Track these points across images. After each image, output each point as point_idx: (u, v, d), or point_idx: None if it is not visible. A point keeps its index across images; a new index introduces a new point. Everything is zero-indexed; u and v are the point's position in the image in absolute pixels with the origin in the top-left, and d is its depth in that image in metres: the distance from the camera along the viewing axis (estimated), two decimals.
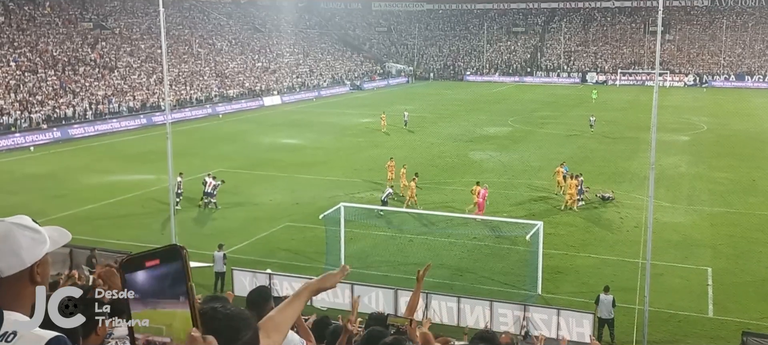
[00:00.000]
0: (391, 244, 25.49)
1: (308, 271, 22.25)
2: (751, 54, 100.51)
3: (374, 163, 40.25)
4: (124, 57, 69.66)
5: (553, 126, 56.04)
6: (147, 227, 27.42)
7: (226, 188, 34.66)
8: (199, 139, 50.35)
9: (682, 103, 71.56)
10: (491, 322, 18.33)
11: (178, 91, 66.88)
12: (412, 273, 22.60)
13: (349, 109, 69.26)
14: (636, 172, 36.06)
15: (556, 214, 29.30)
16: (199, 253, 23.53)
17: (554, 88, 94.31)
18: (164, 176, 25.83)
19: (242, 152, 44.46)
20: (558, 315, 18.15)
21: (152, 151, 42.26)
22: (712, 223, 28.25)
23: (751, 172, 37.62)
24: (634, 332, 17.66)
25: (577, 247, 25.26)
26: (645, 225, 20.02)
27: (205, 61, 78.92)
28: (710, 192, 33.36)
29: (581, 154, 42.43)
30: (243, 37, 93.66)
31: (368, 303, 19.15)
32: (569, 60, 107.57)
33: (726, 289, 21.36)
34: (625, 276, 21.70)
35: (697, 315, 19.58)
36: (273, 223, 28.11)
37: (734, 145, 46.58)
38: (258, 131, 54.19)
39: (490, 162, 40.39)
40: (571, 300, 20.11)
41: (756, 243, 25.62)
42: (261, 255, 24.26)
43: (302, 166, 39.59)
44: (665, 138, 46.33)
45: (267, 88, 78.92)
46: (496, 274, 22.51)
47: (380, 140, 48.90)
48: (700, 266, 23.23)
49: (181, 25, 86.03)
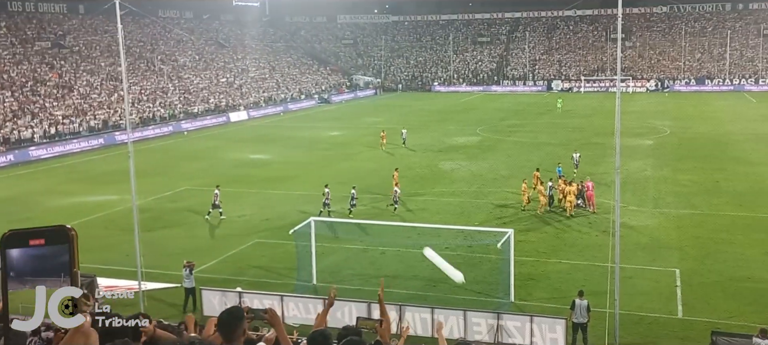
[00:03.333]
0: (363, 257, 25.31)
1: (279, 287, 21.97)
2: (709, 58, 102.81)
3: (345, 177, 40.05)
4: (83, 76, 68.55)
5: (521, 134, 56.52)
6: (112, 249, 26.81)
7: (194, 206, 34.22)
8: (164, 157, 49.65)
9: (646, 108, 72.78)
10: (465, 332, 18.26)
11: (141, 108, 65.97)
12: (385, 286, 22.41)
13: (317, 122, 69.02)
14: (603, 177, 36.43)
15: (527, 222, 29.43)
16: (167, 273, 23.09)
17: (521, 96, 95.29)
18: (128, 196, 25.32)
19: (209, 169, 43.93)
20: (531, 322, 18.15)
21: (115, 171, 41.49)
22: (679, 225, 28.64)
23: (714, 174, 38.31)
24: (605, 336, 17.72)
25: (547, 253, 25.37)
26: (613, 229, 20.19)
27: (168, 77, 78.01)
28: (675, 194, 33.85)
29: (549, 161, 42.75)
30: (207, 53, 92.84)
31: (341, 317, 18.93)
32: (534, 68, 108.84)
33: (694, 289, 21.61)
34: (596, 280, 21.82)
35: (667, 316, 19.76)
36: (242, 240, 27.74)
37: (697, 147, 47.46)
38: (225, 147, 53.66)
39: (460, 171, 40.50)
40: (544, 306, 20.15)
41: (721, 243, 26.02)
42: (231, 273, 23.88)
43: (271, 181, 39.25)
44: (630, 142, 47.04)
45: (233, 103, 78.30)
46: (469, 283, 22.42)
47: (351, 153, 48.77)
48: (668, 268, 23.49)
49: (141, 41, 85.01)
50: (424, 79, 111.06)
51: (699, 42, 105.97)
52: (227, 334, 5.07)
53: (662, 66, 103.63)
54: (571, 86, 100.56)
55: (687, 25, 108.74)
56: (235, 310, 5.56)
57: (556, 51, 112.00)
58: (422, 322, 18.85)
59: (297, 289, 22.02)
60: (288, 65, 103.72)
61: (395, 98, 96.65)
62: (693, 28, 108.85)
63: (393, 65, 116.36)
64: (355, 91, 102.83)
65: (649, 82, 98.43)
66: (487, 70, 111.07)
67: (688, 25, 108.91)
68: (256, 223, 30.41)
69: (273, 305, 19.96)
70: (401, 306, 19.21)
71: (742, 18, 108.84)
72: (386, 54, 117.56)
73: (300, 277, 22.97)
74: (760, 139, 50.12)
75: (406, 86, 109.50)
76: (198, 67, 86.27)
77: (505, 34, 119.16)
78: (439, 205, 32.11)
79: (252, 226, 30.07)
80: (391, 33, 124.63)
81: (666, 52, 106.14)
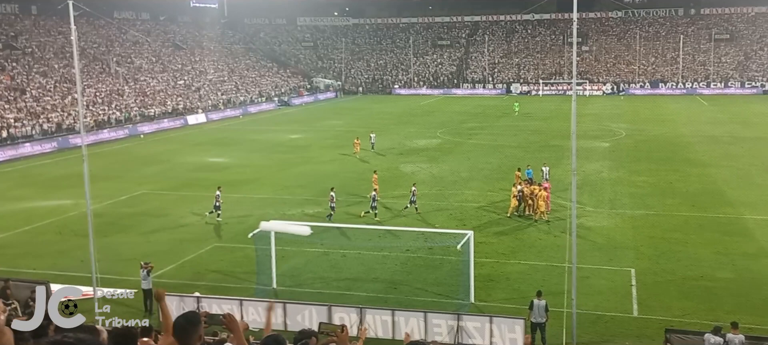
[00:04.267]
0: (323, 260, 25.19)
1: (239, 291, 21.73)
2: (663, 62, 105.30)
3: (305, 180, 39.89)
4: (36, 78, 66.85)
5: (481, 137, 57.01)
6: (65, 254, 26.19)
7: (151, 210, 33.63)
8: (120, 160, 48.71)
9: (602, 111, 74.15)
10: (426, 334, 18.30)
11: (96, 111, 64.61)
12: (345, 288, 22.46)
13: (277, 125, 68.54)
14: (561, 179, 36.96)
15: (487, 224, 29.67)
16: (124, 279, 22.63)
17: (480, 99, 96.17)
18: (82, 201, 24.76)
19: (167, 173, 43.25)
20: (491, 322, 18.28)
21: (69, 175, 40.53)
22: (634, 226, 29.21)
23: (668, 175, 39.20)
24: (563, 335, 17.95)
25: (507, 254, 25.61)
26: (570, 230, 20.49)
27: (124, 79, 76.56)
28: (631, 195, 34.52)
29: (509, 163, 43.23)
30: (164, 55, 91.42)
31: (301, 321, 18.82)
32: (494, 71, 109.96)
33: (649, 288, 22.05)
34: (554, 280, 22.09)
35: (623, 315, 20.12)
36: (200, 245, 27.35)
37: (651, 149, 48.51)
38: (182, 151, 52.89)
39: (421, 174, 40.63)
40: (503, 307, 20.32)
41: (675, 243, 26.61)
42: (189, 278, 23.51)
43: (230, 184, 38.74)
44: (587, 145, 47.86)
45: (191, 106, 77.22)
46: (430, 285, 22.54)
47: (311, 156, 48.54)
48: (623, 268, 23.93)
49: (96, 43, 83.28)
50: (385, 82, 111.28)
51: (653, 46, 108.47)
52: (183, 339, 5.00)
53: (618, 69, 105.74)
54: (529, 89, 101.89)
55: (641, 30, 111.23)
56: (192, 315, 5.48)
57: (514, 54, 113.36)
58: (383, 324, 18.84)
59: (257, 293, 21.80)
60: (247, 68, 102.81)
61: (356, 101, 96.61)
62: (647, 33, 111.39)
63: (353, 68, 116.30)
64: (316, 93, 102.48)
65: (605, 86, 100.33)
66: (447, 73, 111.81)
67: (642, 30, 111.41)
68: (214, 228, 30.01)
69: (232, 310, 19.73)
70: (362, 308, 19.17)
71: (694, 23, 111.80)
72: (347, 57, 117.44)
73: (260, 281, 22.75)
74: (712, 141, 51.50)
75: (367, 89, 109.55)
76: (155, 70, 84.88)
77: (464, 38, 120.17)
78: (399, 207, 32.16)
79: (210, 230, 29.67)
80: (352, 36, 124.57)
81: (621, 56, 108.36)
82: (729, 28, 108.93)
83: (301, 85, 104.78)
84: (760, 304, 20.65)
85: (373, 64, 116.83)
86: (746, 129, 58.01)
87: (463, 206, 32.63)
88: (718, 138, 52.86)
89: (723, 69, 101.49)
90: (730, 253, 25.13)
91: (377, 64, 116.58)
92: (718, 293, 21.59)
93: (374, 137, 50.02)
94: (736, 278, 22.86)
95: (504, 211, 31.36)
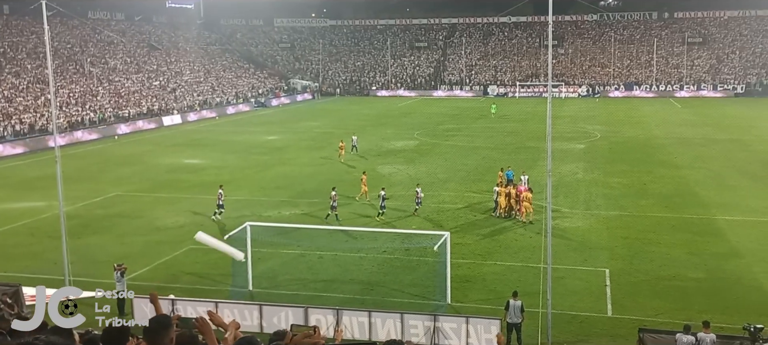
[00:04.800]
0: (300, 261, 25.11)
1: (214, 294, 21.59)
2: (637, 65, 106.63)
3: (282, 181, 39.74)
4: (8, 78, 65.80)
5: (458, 138, 57.24)
6: (38, 256, 25.80)
7: (126, 212, 33.27)
8: (94, 162, 48.14)
9: (577, 113, 74.86)
10: (402, 334, 18.32)
11: (70, 112, 63.78)
12: (322, 290, 22.41)
13: (254, 126, 68.20)
14: (537, 180, 37.21)
15: (464, 225, 29.80)
16: (97, 281, 22.34)
17: (458, 101, 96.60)
18: (55, 203, 24.44)
19: (142, 174, 42.82)
20: (467, 323, 18.36)
21: (42, 176, 39.94)
22: (608, 226, 29.52)
23: (641, 177, 39.67)
24: (538, 335, 18.08)
25: (483, 255, 25.73)
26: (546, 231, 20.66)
27: (98, 80, 75.64)
28: (605, 196, 34.89)
29: (485, 165, 43.49)
30: (139, 55, 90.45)
31: (277, 323, 18.74)
32: (471, 73, 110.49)
33: (623, 288, 22.29)
34: (529, 281, 22.24)
35: (597, 315, 20.32)
36: (176, 247, 27.11)
37: (626, 151, 49.08)
38: (158, 152, 52.39)
39: (398, 175, 40.69)
40: (479, 307, 20.42)
41: (649, 243, 26.94)
42: (164, 280, 23.28)
43: (206, 186, 38.49)
44: (562, 146, 48.30)
45: (166, 107, 76.56)
46: (406, 286, 22.58)
47: (288, 158, 48.35)
48: (598, 268, 24.17)
49: (70, 43, 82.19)
50: (363, 84, 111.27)
51: (627, 49, 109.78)
52: (153, 341, 4.99)
53: (593, 72, 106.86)
54: (506, 91, 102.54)
55: (616, 33, 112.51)
56: (162, 318, 5.45)
57: (491, 57, 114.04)
58: (359, 325, 18.82)
59: (232, 295, 21.66)
60: (223, 69, 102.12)
61: (333, 102, 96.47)
62: (622, 36, 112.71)
63: (331, 69, 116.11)
64: (293, 95, 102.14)
65: (580, 88, 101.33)
66: (424, 74, 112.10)
67: (617, 33, 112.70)
68: (190, 229, 29.71)
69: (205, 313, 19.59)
70: (338, 310, 19.14)
71: (667, 26, 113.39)
72: (324, 58, 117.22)
73: (235, 283, 22.60)
74: (685, 143, 52.23)
75: (345, 90, 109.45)
76: (129, 70, 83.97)
77: (442, 40, 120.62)
78: (376, 208, 32.17)
79: (186, 232, 29.38)
80: (329, 37, 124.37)
81: (597, 58, 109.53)
82: (702, 31, 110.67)
83: (278, 86, 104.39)
84: (731, 303, 20.98)
85: (350, 66, 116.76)
86: (718, 131, 58.93)
87: (440, 208, 32.73)
88: (691, 140, 53.63)
89: (696, 72, 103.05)
90: (702, 254, 25.51)
91: (355, 66, 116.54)
92: (691, 293, 21.90)
93: (356, 140, 49.67)
94: (707, 278, 23.21)
95: (481, 212, 31.51)
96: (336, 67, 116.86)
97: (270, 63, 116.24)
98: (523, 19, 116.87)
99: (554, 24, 20.87)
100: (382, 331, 18.50)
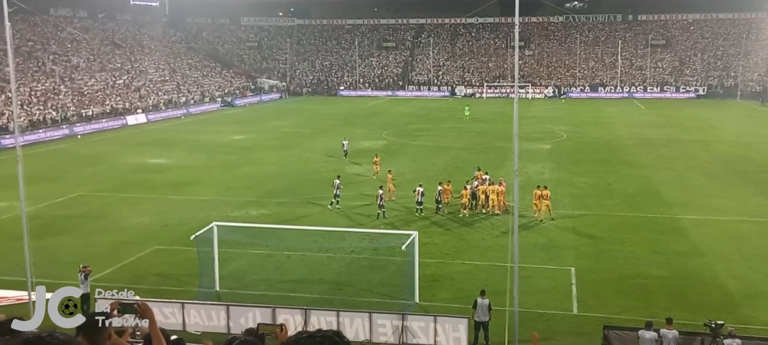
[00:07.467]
0: (268, 262, 24.95)
1: (180, 294, 21.33)
2: (602, 67, 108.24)
3: (249, 181, 39.42)
4: None
5: (427, 138, 57.43)
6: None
7: (90, 212, 32.71)
8: (56, 161, 47.20)
9: (544, 114, 75.65)
10: (371, 334, 18.33)
11: (31, 111, 62.43)
12: (290, 290, 22.29)
13: (220, 126, 67.54)
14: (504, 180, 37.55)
15: (431, 224, 29.91)
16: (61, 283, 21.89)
17: (426, 101, 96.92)
18: (16, 203, 23.90)
19: (105, 174, 42.11)
20: (435, 322, 18.44)
21: (2, 176, 38.90)
22: (574, 226, 29.91)
23: (606, 176, 40.28)
24: (505, 333, 18.23)
25: (451, 254, 25.86)
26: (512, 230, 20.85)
27: (60, 78, 74.14)
28: (571, 196, 35.33)
29: (454, 165, 43.71)
30: (102, 54, 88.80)
31: (245, 323, 18.58)
32: (439, 74, 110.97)
33: (588, 286, 22.61)
34: (497, 279, 22.41)
35: (563, 313, 20.59)
36: (141, 247, 26.73)
37: (591, 151, 49.78)
38: (122, 151, 51.57)
39: (366, 175, 40.66)
40: (448, 306, 20.52)
41: (613, 242, 27.37)
42: (128, 281, 22.85)
43: (172, 186, 38.05)
44: (529, 147, 48.78)
45: (131, 106, 75.39)
46: (375, 286, 22.59)
47: (255, 157, 47.99)
48: (564, 267, 24.47)
49: (31, 40, 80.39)
50: (330, 83, 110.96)
51: (593, 51, 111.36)
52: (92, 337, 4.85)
53: (559, 73, 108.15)
54: (474, 92, 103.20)
55: (582, 35, 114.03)
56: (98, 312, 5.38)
57: (459, 57, 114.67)
58: (328, 325, 18.76)
59: (199, 296, 21.43)
60: (189, 67, 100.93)
61: (301, 102, 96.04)
62: (587, 38, 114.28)
63: (298, 69, 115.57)
64: (260, 94, 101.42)
65: (547, 89, 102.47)
66: (392, 74, 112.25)
67: (582, 35, 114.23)
68: (155, 230, 29.37)
69: (173, 314, 19.37)
70: (306, 310, 19.08)
71: (631, 29, 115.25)
72: (291, 58, 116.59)
73: (202, 283, 22.36)
74: (648, 143, 53.16)
75: (312, 90, 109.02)
76: (93, 69, 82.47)
77: (409, 40, 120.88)
78: (344, 208, 32.14)
79: (151, 232, 29.02)
80: (297, 36, 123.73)
81: (562, 60, 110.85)
82: (665, 34, 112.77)
83: (245, 85, 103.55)
84: (693, 300, 21.42)
85: (318, 66, 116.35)
86: (681, 132, 60.12)
87: (409, 207, 32.79)
88: (654, 140, 54.60)
89: (659, 74, 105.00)
90: (665, 252, 25.99)
91: (322, 66, 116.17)
92: (654, 290, 22.31)
93: (347, 144, 48.37)
94: (671, 276, 23.66)
95: (450, 211, 31.65)
96: (303, 66, 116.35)
97: (237, 62, 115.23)
98: (490, 20, 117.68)
99: (521, 25, 21.06)
100: (351, 330, 18.48)
